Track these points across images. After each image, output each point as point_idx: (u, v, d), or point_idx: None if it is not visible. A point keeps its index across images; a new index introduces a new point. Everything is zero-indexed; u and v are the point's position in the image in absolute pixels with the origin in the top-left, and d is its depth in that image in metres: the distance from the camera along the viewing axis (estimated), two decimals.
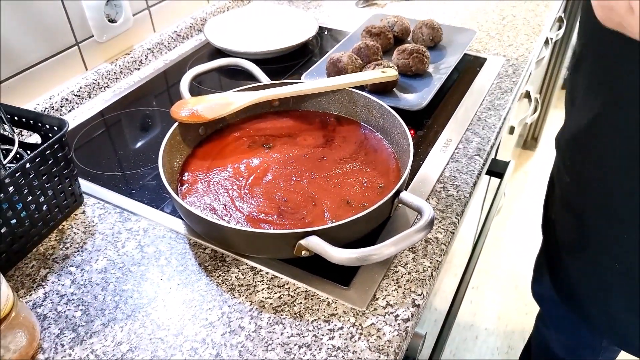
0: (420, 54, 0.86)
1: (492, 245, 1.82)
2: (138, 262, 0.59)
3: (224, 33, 1.05)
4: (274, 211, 0.61)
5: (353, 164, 0.68)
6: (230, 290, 0.56)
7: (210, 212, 0.61)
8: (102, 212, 0.66)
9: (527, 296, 1.66)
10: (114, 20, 0.91)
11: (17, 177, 0.56)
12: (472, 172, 0.71)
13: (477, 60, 0.96)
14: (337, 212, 0.61)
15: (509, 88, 0.89)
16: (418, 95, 0.83)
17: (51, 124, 0.64)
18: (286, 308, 0.54)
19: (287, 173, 0.66)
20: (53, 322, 0.53)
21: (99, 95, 0.91)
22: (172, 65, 0.99)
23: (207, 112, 0.69)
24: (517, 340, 1.53)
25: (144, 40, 1.00)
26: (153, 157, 0.75)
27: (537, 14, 1.14)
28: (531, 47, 1.01)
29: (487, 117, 0.82)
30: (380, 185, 0.64)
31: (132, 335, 0.52)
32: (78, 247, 0.61)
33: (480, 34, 1.06)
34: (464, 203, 0.67)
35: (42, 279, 0.58)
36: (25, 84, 0.80)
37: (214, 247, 0.61)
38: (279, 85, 0.75)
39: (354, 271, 0.57)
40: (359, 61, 0.85)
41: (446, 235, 0.62)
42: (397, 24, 0.98)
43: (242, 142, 0.72)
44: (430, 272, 0.57)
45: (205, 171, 0.67)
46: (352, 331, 0.51)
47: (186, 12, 1.09)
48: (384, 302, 0.54)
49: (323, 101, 0.77)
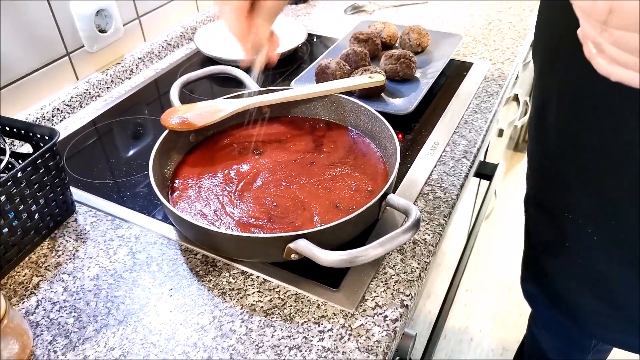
0: (408, 59, 0.88)
1: (485, 247, 1.83)
2: (130, 268, 0.60)
3: (214, 41, 1.06)
4: (264, 216, 0.62)
5: (342, 168, 0.69)
6: (221, 294, 0.56)
7: (201, 218, 0.62)
8: (94, 220, 0.67)
9: (521, 298, 1.66)
10: (104, 30, 0.92)
11: (9, 186, 0.56)
12: (459, 175, 0.72)
13: (464, 64, 0.98)
14: (326, 215, 0.61)
15: (495, 91, 0.90)
16: (405, 100, 0.84)
17: (42, 133, 0.64)
18: (277, 311, 0.54)
19: (277, 178, 0.67)
20: (46, 329, 0.53)
21: (90, 104, 0.91)
22: (162, 73, 1.00)
23: (197, 120, 0.70)
24: (511, 342, 1.53)
25: (135, 50, 1.01)
26: (144, 165, 0.76)
27: (523, 18, 1.16)
28: (517, 50, 1.03)
29: (474, 120, 0.83)
30: (368, 189, 0.65)
31: (124, 340, 0.52)
32: (70, 255, 0.62)
33: (466, 39, 1.08)
34: (451, 205, 0.68)
35: (35, 286, 0.58)
36: (16, 95, 0.81)
37: (205, 253, 0.61)
38: (269, 92, 0.76)
39: (343, 273, 0.58)
40: (347, 67, 0.87)
41: (434, 237, 0.63)
42: (385, 30, 1.00)
43: (232, 149, 0.73)
44: (418, 273, 0.58)
45: (195, 178, 0.68)
46: (342, 332, 0.52)
47: (176, 21, 1.10)
48: (372, 304, 0.55)
49: (312, 107, 0.78)
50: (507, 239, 1.87)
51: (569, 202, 0.63)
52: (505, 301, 1.66)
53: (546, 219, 0.69)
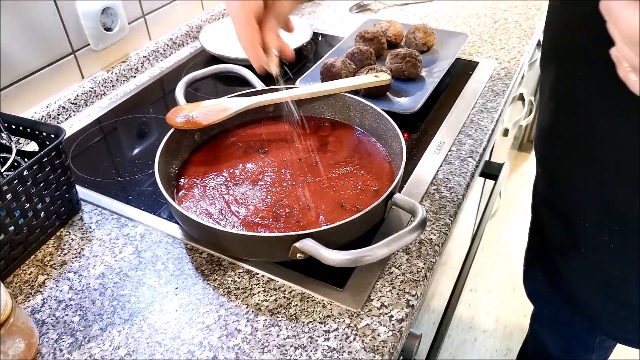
0: (413, 58, 0.87)
1: (490, 247, 1.82)
2: (135, 267, 0.60)
3: (219, 40, 1.06)
4: (269, 215, 0.61)
5: (347, 167, 0.69)
6: (226, 293, 0.56)
7: (206, 217, 0.62)
8: (99, 219, 0.67)
9: (525, 298, 1.66)
10: (109, 28, 0.92)
11: (15, 184, 0.56)
12: (465, 174, 0.72)
13: (470, 63, 0.98)
14: (331, 215, 0.61)
15: (501, 91, 0.90)
16: (411, 99, 0.84)
17: (48, 131, 0.64)
18: (282, 310, 0.54)
19: (282, 177, 0.67)
20: (51, 328, 0.53)
21: (95, 103, 0.91)
22: (167, 72, 1.00)
23: (203, 118, 0.70)
24: (515, 341, 1.53)
25: (140, 48, 1.01)
26: (149, 164, 0.76)
27: (529, 17, 1.15)
28: (523, 50, 1.03)
29: (480, 119, 0.83)
30: (374, 189, 0.65)
31: (129, 339, 0.52)
32: (76, 253, 0.62)
33: (472, 38, 1.07)
34: (457, 205, 0.67)
35: (41, 285, 0.58)
36: (22, 93, 0.81)
37: (210, 252, 0.61)
38: (274, 90, 0.76)
39: (348, 273, 0.58)
40: (353, 66, 0.86)
41: (440, 237, 0.63)
42: (390, 29, 0.99)
43: (238, 147, 0.73)
44: (424, 273, 0.58)
45: (201, 176, 0.68)
46: (347, 332, 0.52)
47: (181, 19, 1.10)
48: (378, 303, 0.55)
49: (317, 106, 0.78)
50: (511, 239, 1.86)
51: (585, 209, 0.62)
52: (509, 301, 1.66)
53: (560, 223, 0.68)
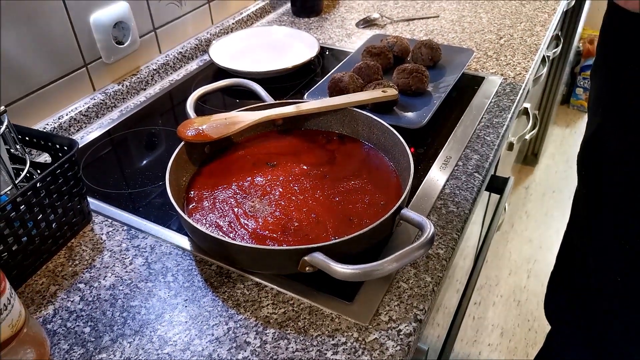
0: (420, 73, 0.88)
1: (494, 261, 1.82)
2: (145, 278, 0.60)
3: (228, 54, 1.07)
4: (278, 228, 0.62)
5: (355, 181, 0.69)
6: (235, 306, 0.57)
7: (216, 229, 0.62)
8: (110, 230, 0.67)
9: (530, 312, 1.66)
10: (121, 42, 0.93)
11: (29, 195, 0.57)
12: (472, 189, 0.73)
13: (475, 79, 0.99)
14: (339, 229, 0.62)
15: (506, 106, 0.91)
16: (418, 114, 0.85)
17: (61, 143, 0.66)
18: (291, 323, 0.55)
19: (291, 191, 0.68)
20: (63, 338, 0.54)
21: (106, 115, 0.93)
22: (177, 85, 1.02)
23: (213, 132, 0.71)
24: (520, 355, 1.52)
25: (151, 61, 1.02)
26: (159, 175, 0.77)
27: (534, 33, 1.17)
28: (528, 65, 1.04)
29: (486, 134, 0.84)
30: (382, 203, 0.66)
31: (139, 350, 0.53)
32: (87, 264, 0.63)
33: (478, 54, 1.08)
34: (464, 219, 0.68)
35: (52, 295, 0.59)
36: (35, 105, 0.83)
37: (219, 264, 0.62)
38: (283, 104, 0.77)
39: (357, 287, 0.58)
40: (360, 81, 0.88)
41: (447, 251, 0.63)
42: (397, 44, 1.01)
43: (247, 161, 0.74)
44: (431, 288, 0.58)
45: (210, 189, 0.69)
46: (356, 346, 0.52)
47: (191, 33, 1.12)
48: (386, 317, 0.55)
49: (325, 120, 0.79)
50: (515, 253, 1.86)
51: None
52: (513, 315, 1.65)
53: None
